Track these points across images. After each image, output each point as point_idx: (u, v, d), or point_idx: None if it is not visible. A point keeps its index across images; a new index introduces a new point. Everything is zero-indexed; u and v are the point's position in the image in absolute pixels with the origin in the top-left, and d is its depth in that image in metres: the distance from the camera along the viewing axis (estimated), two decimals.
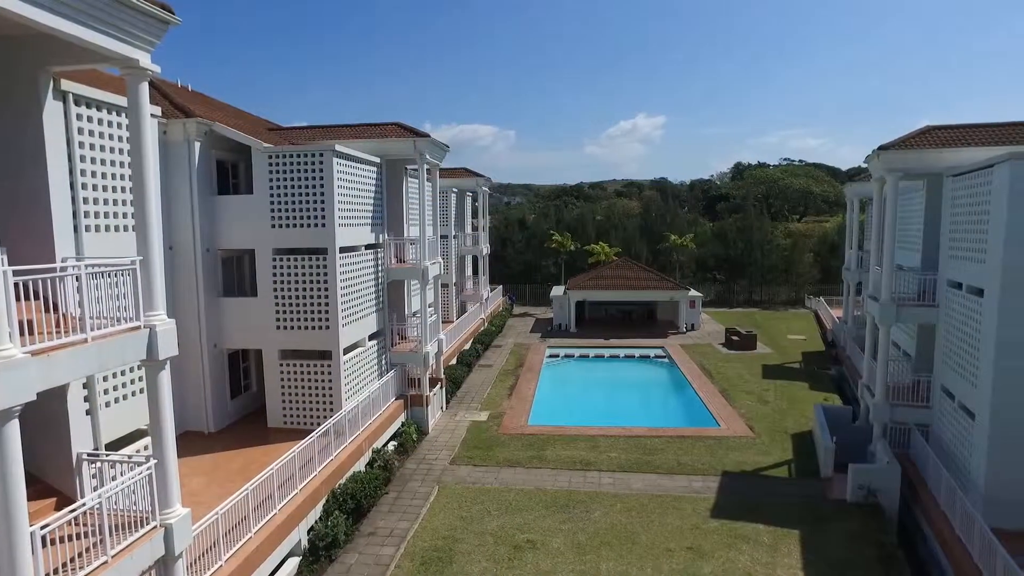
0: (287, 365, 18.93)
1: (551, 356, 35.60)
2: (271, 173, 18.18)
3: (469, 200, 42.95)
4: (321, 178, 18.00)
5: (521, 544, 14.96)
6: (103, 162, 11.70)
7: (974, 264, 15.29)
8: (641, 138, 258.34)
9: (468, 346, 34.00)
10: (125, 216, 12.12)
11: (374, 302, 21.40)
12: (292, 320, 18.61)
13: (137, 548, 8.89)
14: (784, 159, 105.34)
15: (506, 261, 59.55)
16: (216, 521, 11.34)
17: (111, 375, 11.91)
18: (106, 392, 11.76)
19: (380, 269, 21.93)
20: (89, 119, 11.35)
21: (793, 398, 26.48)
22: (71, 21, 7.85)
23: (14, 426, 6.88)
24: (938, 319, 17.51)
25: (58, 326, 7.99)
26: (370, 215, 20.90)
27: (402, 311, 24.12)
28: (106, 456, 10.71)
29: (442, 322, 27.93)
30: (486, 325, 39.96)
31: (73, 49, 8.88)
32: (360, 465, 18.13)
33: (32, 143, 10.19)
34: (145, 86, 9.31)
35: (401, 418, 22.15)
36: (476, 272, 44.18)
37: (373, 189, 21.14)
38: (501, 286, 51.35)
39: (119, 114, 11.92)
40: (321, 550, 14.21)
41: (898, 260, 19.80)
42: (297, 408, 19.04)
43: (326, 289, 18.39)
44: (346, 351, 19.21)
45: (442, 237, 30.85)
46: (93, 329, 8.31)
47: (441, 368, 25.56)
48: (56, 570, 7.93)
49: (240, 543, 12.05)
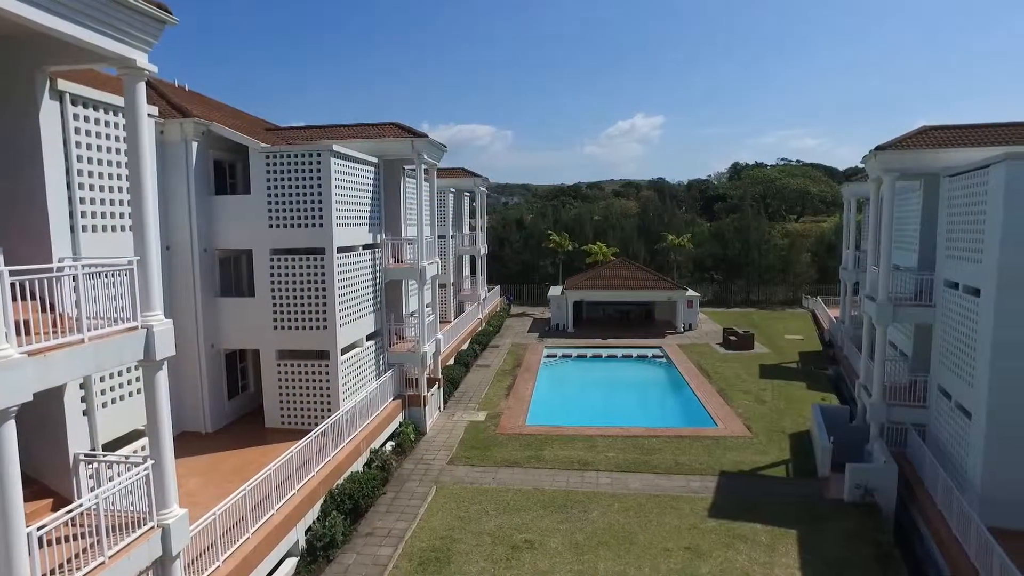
0: (285, 365, 18.92)
1: (549, 356, 35.62)
2: (269, 173, 18.16)
3: (467, 200, 42.98)
4: (319, 178, 17.99)
5: (519, 544, 14.96)
6: (100, 162, 11.67)
7: (970, 264, 15.33)
8: (639, 138, 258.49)
9: (466, 346, 34.01)
10: (122, 216, 12.08)
11: (372, 302, 21.39)
12: (290, 320, 18.59)
13: (134, 549, 8.89)
14: (781, 159, 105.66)
15: (504, 261, 59.58)
16: (213, 521, 11.33)
17: (108, 375, 11.89)
18: (103, 392, 11.74)
19: (378, 269, 21.92)
20: (86, 119, 11.31)
21: (790, 398, 26.53)
22: (68, 21, 7.83)
23: (10, 427, 6.87)
24: (935, 319, 17.54)
25: (55, 326, 7.98)
26: (368, 215, 20.89)
27: (400, 311, 24.11)
28: (103, 457, 10.69)
29: (440, 322, 27.96)
30: (484, 325, 39.97)
31: (70, 49, 8.87)
32: (358, 465, 18.12)
33: (29, 143, 10.16)
34: (142, 86, 9.29)
35: (399, 418, 22.14)
36: (474, 272, 44.20)
37: (371, 189, 21.13)
38: (499, 286, 51.38)
39: (116, 114, 11.89)
40: (319, 550, 14.20)
41: (895, 260, 19.83)
42: (295, 408, 19.02)
43: (324, 289, 18.38)
44: (344, 351, 19.21)
45: (440, 237, 30.83)
46: (90, 329, 8.29)
47: (439, 368, 25.56)
48: (53, 571, 7.92)
49: (238, 543, 12.04)
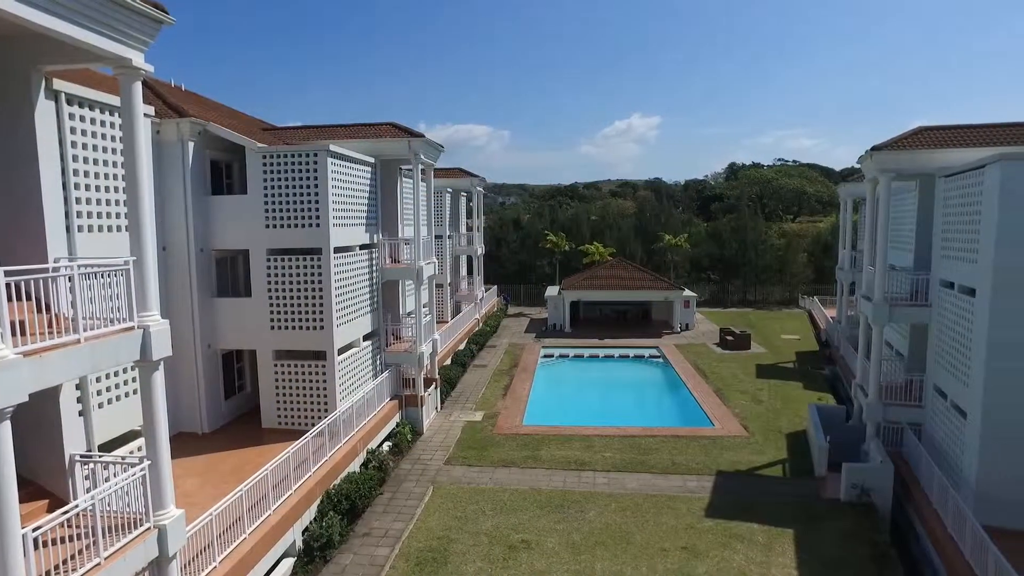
0: (281, 365, 18.89)
1: (546, 356, 35.61)
2: (265, 173, 18.14)
3: (464, 200, 42.97)
4: (315, 178, 17.96)
5: (516, 544, 14.96)
6: (96, 162, 11.63)
7: (966, 264, 15.38)
8: (636, 138, 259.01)
9: (463, 346, 33.99)
10: (118, 216, 12.04)
11: (369, 302, 21.37)
12: (286, 320, 18.57)
13: (131, 550, 8.86)
14: (778, 159, 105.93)
15: (501, 261, 59.58)
16: (210, 522, 11.31)
17: (104, 376, 11.84)
18: (99, 393, 11.69)
19: (375, 269, 21.90)
20: (82, 119, 11.27)
21: (787, 398, 26.57)
22: (64, 20, 7.80)
23: (5, 427, 6.84)
24: (931, 319, 17.60)
25: (51, 327, 7.95)
26: (364, 215, 20.87)
27: (397, 311, 24.09)
28: (99, 457, 10.65)
29: (437, 322, 27.97)
30: (481, 325, 39.95)
31: (66, 48, 8.82)
32: (355, 465, 18.09)
33: (24, 143, 10.12)
34: (138, 86, 9.26)
35: (396, 418, 22.12)
36: (471, 272, 44.18)
37: (368, 189, 21.11)
38: (496, 286, 51.36)
39: (112, 114, 11.85)
40: (316, 551, 14.19)
41: (891, 260, 19.88)
42: (291, 409, 19.00)
43: (320, 289, 18.36)
44: (341, 351, 19.18)
45: (437, 237, 30.88)
46: (86, 330, 8.26)
47: (436, 368, 25.55)
48: (49, 572, 7.88)
49: (234, 544, 12.02)
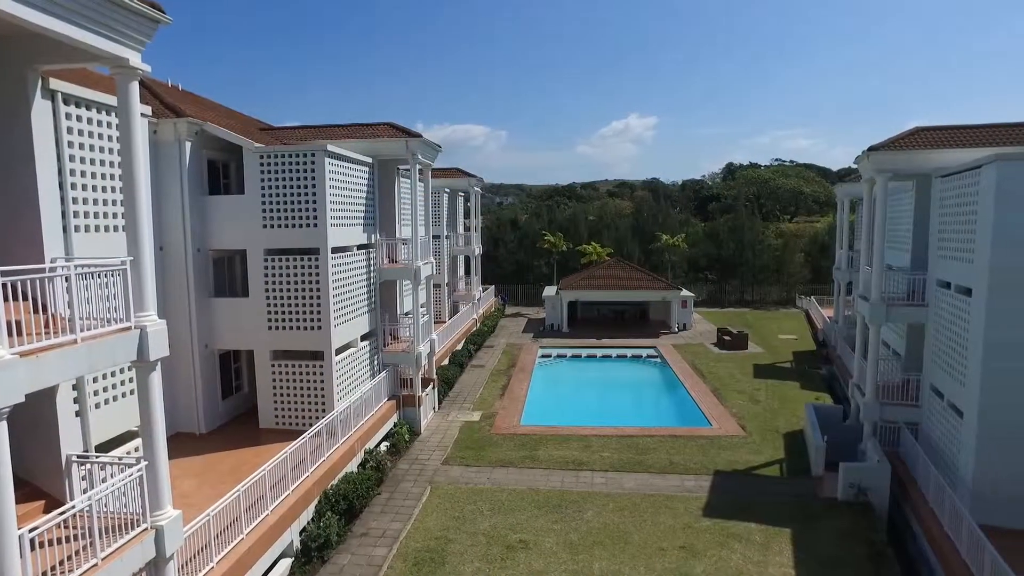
0: (279, 366, 18.87)
1: (543, 356, 35.61)
2: (263, 173, 18.12)
3: (461, 200, 42.95)
4: (313, 178, 17.95)
5: (514, 544, 14.96)
6: (93, 162, 11.60)
7: (962, 264, 15.42)
8: (633, 138, 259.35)
9: (460, 346, 33.97)
10: (115, 216, 12.01)
11: (366, 302, 21.36)
12: (284, 320, 18.54)
13: (128, 550, 8.85)
14: (775, 159, 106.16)
15: (498, 261, 59.56)
16: (207, 523, 11.29)
17: (101, 376, 11.82)
18: (96, 393, 11.66)
19: (372, 269, 21.89)
20: (78, 118, 11.25)
21: (784, 397, 26.61)
22: (61, 20, 7.78)
23: (2, 428, 6.83)
24: (927, 319, 17.63)
25: (47, 327, 7.94)
26: (362, 215, 20.85)
27: (394, 311, 24.08)
28: (96, 458, 10.62)
29: (434, 322, 27.95)
30: (478, 325, 39.93)
31: (62, 48, 8.80)
32: (352, 466, 18.08)
33: (20, 143, 10.09)
34: (135, 85, 9.24)
35: (393, 418, 22.10)
36: (468, 272, 44.17)
37: (365, 189, 21.10)
38: (493, 286, 51.36)
39: (109, 113, 11.82)
40: (313, 551, 14.18)
41: (888, 260, 19.93)
42: (289, 409, 18.98)
43: (318, 289, 18.34)
44: (338, 351, 19.17)
45: (434, 237, 30.87)
46: (83, 330, 8.24)
47: (433, 368, 25.53)
48: (45, 573, 7.87)
49: (232, 544, 12.00)
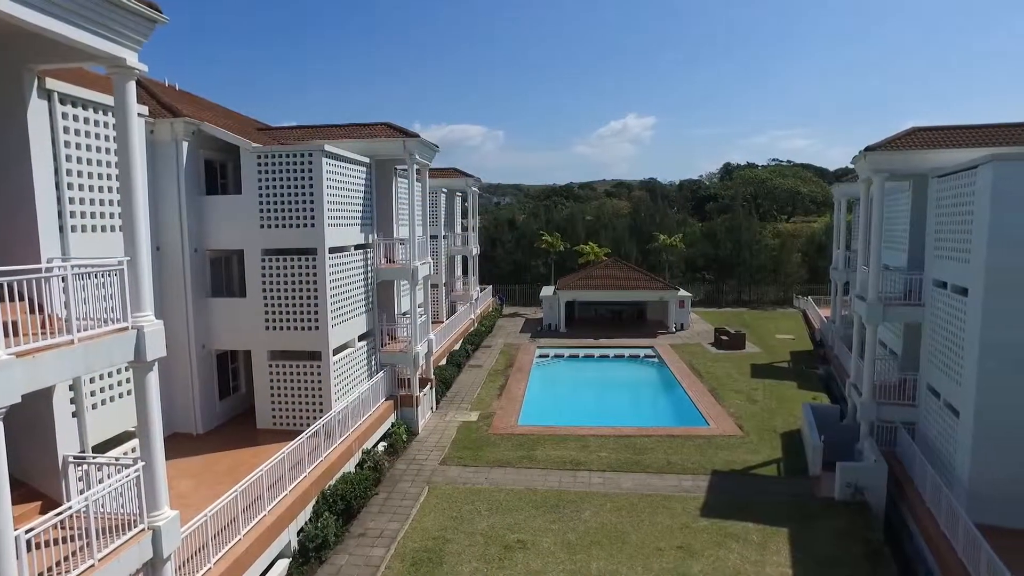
0: (276, 366, 18.85)
1: (541, 356, 35.63)
2: (260, 173, 18.09)
3: (459, 200, 42.94)
4: (310, 178, 17.93)
5: (511, 544, 14.97)
6: (89, 161, 11.58)
7: (958, 264, 15.46)
8: (631, 138, 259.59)
9: (458, 346, 33.95)
10: (112, 216, 12.00)
11: (364, 302, 21.34)
12: (281, 321, 18.52)
13: (124, 551, 8.82)
14: (773, 159, 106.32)
15: (496, 261, 59.54)
16: (205, 523, 11.27)
17: (98, 376, 11.80)
18: (93, 394, 11.65)
19: (370, 269, 21.87)
20: (75, 118, 11.23)
21: (782, 397, 26.66)
22: (58, 19, 7.76)
23: None
24: (924, 318, 17.68)
25: (44, 327, 7.92)
26: (359, 215, 20.84)
27: (392, 311, 24.06)
28: (93, 459, 10.61)
29: (432, 322, 27.90)
30: (476, 325, 39.92)
31: (58, 47, 8.77)
32: (350, 466, 18.07)
33: (16, 142, 10.07)
34: (132, 85, 9.22)
35: (391, 419, 22.09)
36: (466, 272, 44.15)
37: (362, 189, 21.08)
38: (491, 286, 51.31)
39: (106, 113, 11.81)
40: (311, 551, 14.16)
41: (885, 260, 19.98)
42: (286, 409, 18.95)
43: (315, 289, 18.32)
44: (336, 352, 19.15)
45: (432, 237, 30.76)
46: (79, 330, 8.22)
47: (431, 368, 25.53)
48: (42, 574, 7.85)
49: (229, 545, 11.98)
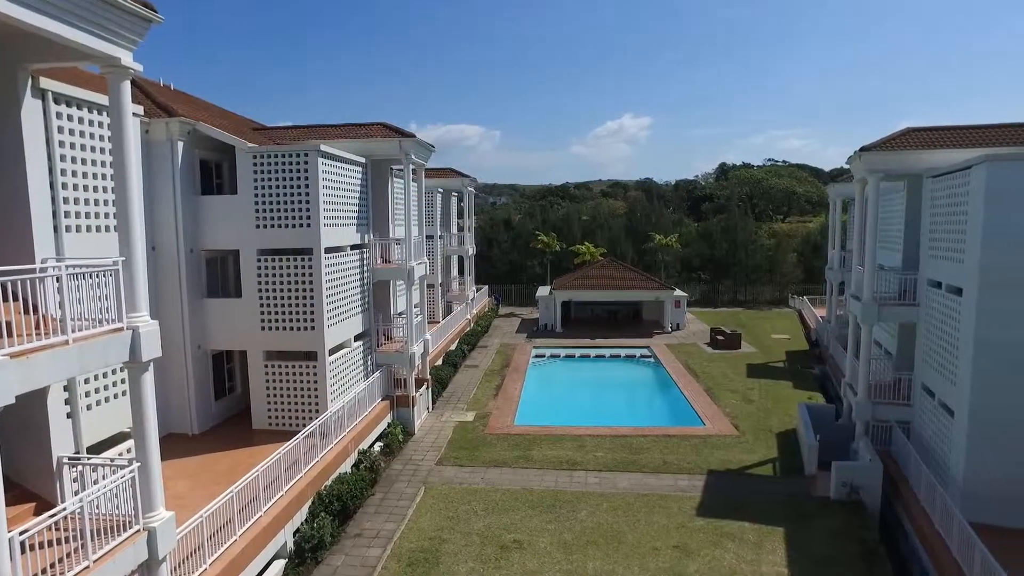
0: (272, 366, 18.80)
1: (537, 356, 35.64)
2: (256, 173, 18.04)
3: (455, 200, 42.92)
4: (306, 178, 17.89)
5: (508, 544, 14.97)
6: (84, 161, 11.53)
7: (953, 264, 15.52)
8: (627, 138, 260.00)
9: (454, 346, 33.95)
10: (107, 216, 11.95)
11: (360, 303, 21.31)
12: (277, 321, 18.47)
13: (120, 552, 8.79)
14: (768, 160, 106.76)
15: (492, 261, 59.53)
16: (201, 524, 11.23)
17: (93, 377, 11.75)
18: (88, 394, 11.60)
19: (366, 269, 21.84)
20: (69, 118, 11.18)
21: (777, 397, 26.72)
22: (53, 19, 7.72)
23: None
24: (918, 318, 17.75)
25: (38, 328, 7.88)
26: (355, 215, 20.80)
27: (388, 312, 24.03)
28: (88, 459, 10.56)
29: (428, 322, 27.90)
30: (472, 325, 39.91)
31: (53, 47, 8.73)
32: (346, 466, 18.04)
33: (10, 142, 10.01)
34: (127, 85, 9.19)
35: (387, 419, 22.07)
36: (462, 272, 44.13)
37: (358, 189, 21.05)
38: (487, 286, 51.34)
39: (100, 113, 11.76)
40: (307, 552, 14.13)
41: (880, 260, 20.04)
42: (282, 409, 18.91)
43: (311, 290, 18.28)
44: (332, 352, 19.12)
45: (428, 237, 30.79)
46: (74, 331, 8.19)
47: (427, 369, 25.51)
48: (36, 575, 7.82)
49: (225, 546, 11.95)
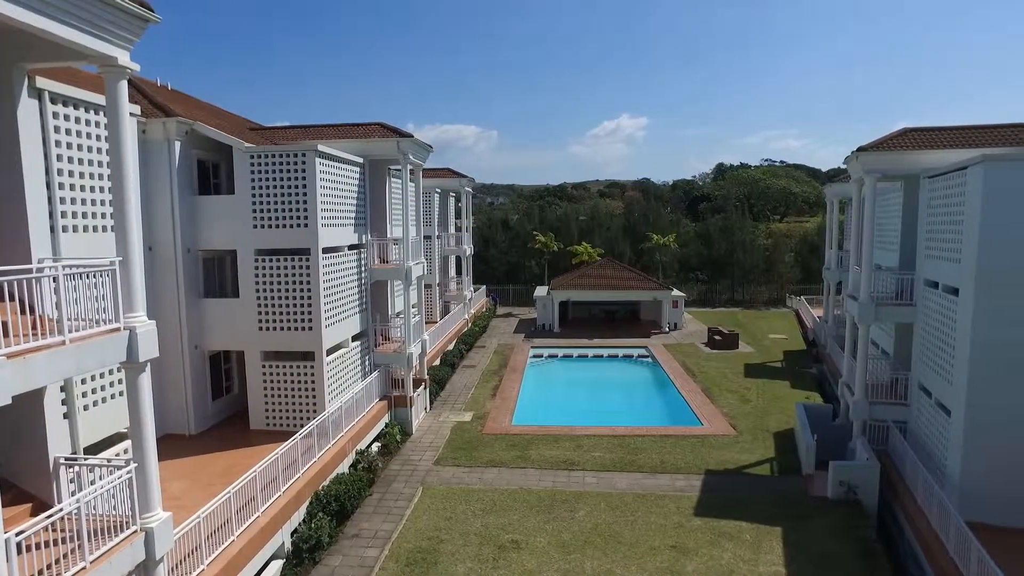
0: (270, 366, 18.78)
1: (535, 356, 35.64)
2: (253, 173, 18.02)
3: (452, 200, 42.90)
4: (303, 178, 17.87)
5: (506, 544, 14.97)
6: (81, 161, 11.51)
7: (950, 264, 15.56)
8: (624, 138, 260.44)
9: (452, 347, 33.94)
10: (104, 216, 11.92)
11: (357, 303, 21.29)
12: (275, 321, 18.45)
13: (116, 553, 8.78)
14: (765, 160, 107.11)
15: (489, 261, 59.51)
16: (198, 525, 11.21)
17: (90, 377, 11.72)
18: (84, 395, 11.56)
19: (363, 269, 21.82)
20: (66, 117, 11.15)
21: (775, 396, 26.76)
22: (50, 19, 7.70)
23: None
24: (915, 318, 17.78)
25: (35, 328, 7.85)
26: (353, 215, 20.78)
27: (385, 312, 24.02)
28: (84, 460, 10.53)
29: (425, 323, 27.91)
30: (470, 325, 39.92)
31: (49, 46, 8.70)
32: (344, 467, 18.02)
33: (6, 142, 9.99)
34: (124, 84, 9.16)
35: (385, 419, 22.05)
36: (459, 272, 44.12)
37: (356, 189, 21.03)
38: (484, 286, 51.33)
39: (97, 112, 11.73)
40: (305, 552, 14.11)
41: (877, 260, 20.09)
42: (280, 410, 18.88)
43: (309, 290, 18.27)
44: (329, 352, 19.10)
45: (425, 237, 30.78)
46: (71, 331, 8.17)
47: (425, 369, 25.50)
48: None
49: (222, 546, 11.93)
